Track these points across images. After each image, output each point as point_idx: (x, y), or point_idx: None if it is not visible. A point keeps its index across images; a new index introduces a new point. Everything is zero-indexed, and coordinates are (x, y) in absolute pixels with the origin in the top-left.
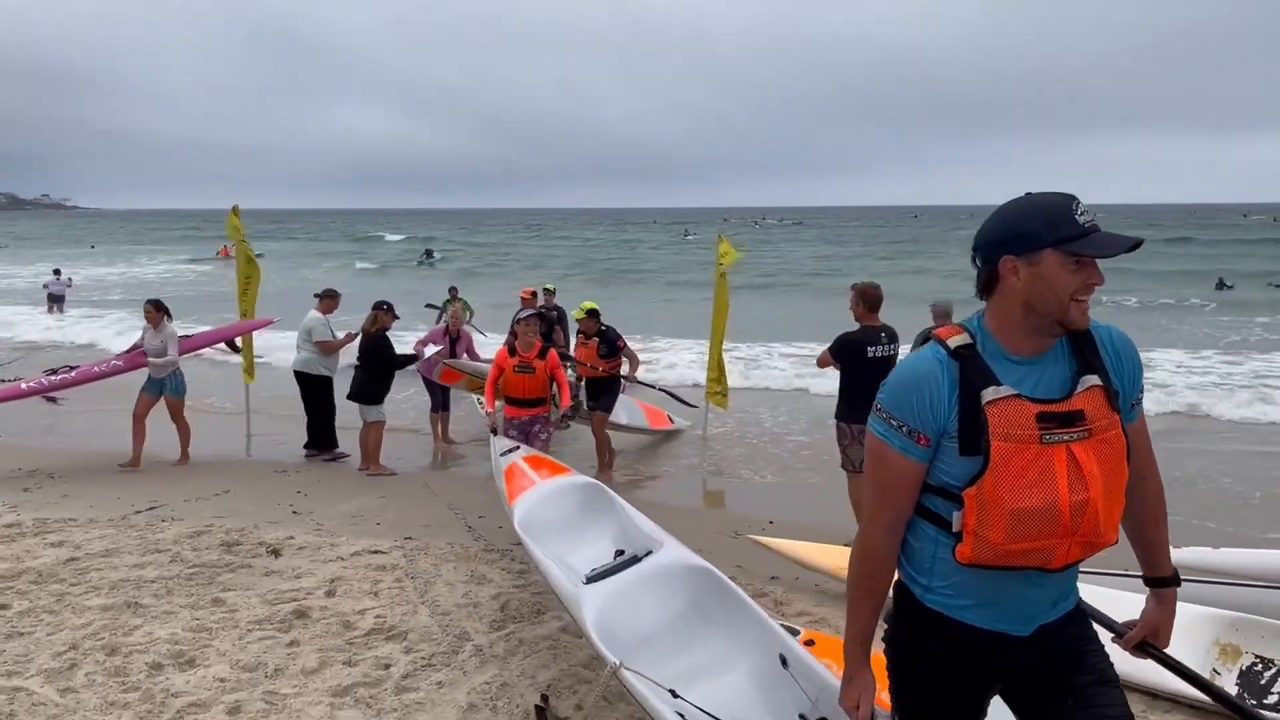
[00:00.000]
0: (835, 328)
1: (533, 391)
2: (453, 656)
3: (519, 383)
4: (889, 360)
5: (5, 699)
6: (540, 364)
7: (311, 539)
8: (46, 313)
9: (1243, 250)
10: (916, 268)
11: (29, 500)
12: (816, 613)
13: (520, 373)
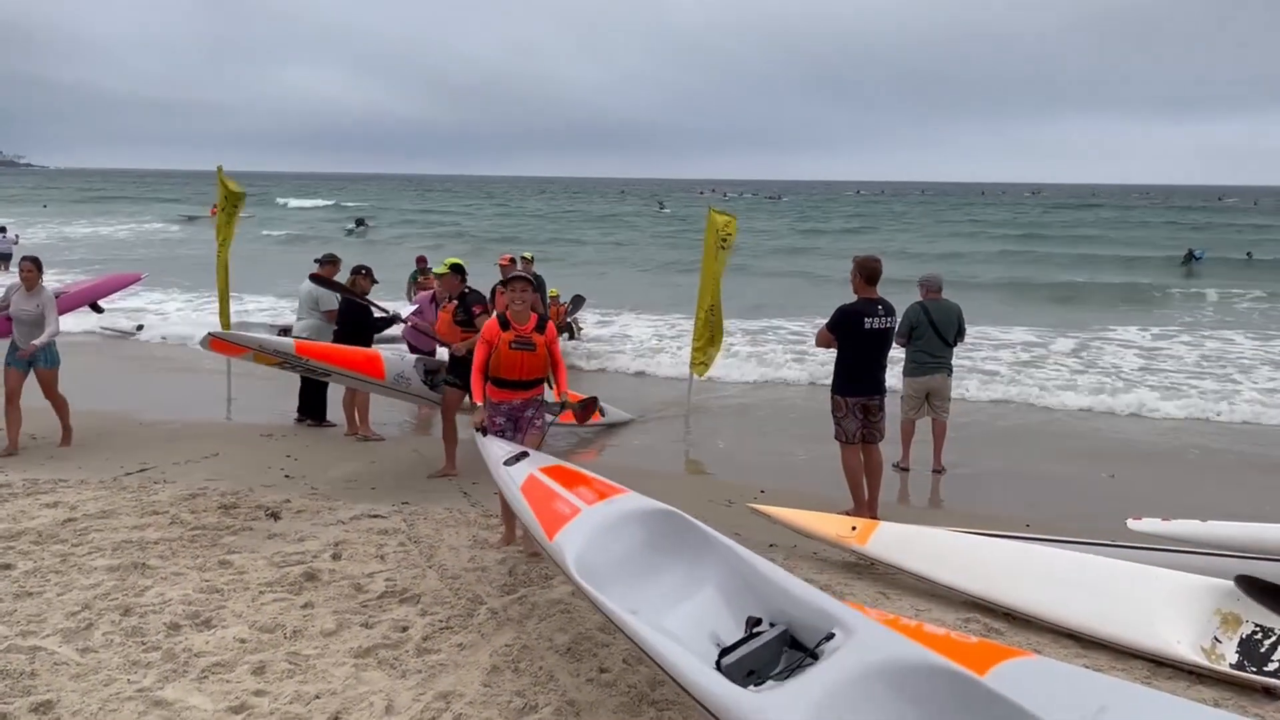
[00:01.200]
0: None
1: (532, 372)
2: (468, 619)
3: (516, 362)
4: (886, 333)
5: (25, 658)
6: (540, 339)
7: (309, 503)
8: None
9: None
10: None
11: (14, 461)
12: (819, 579)
13: (518, 349)
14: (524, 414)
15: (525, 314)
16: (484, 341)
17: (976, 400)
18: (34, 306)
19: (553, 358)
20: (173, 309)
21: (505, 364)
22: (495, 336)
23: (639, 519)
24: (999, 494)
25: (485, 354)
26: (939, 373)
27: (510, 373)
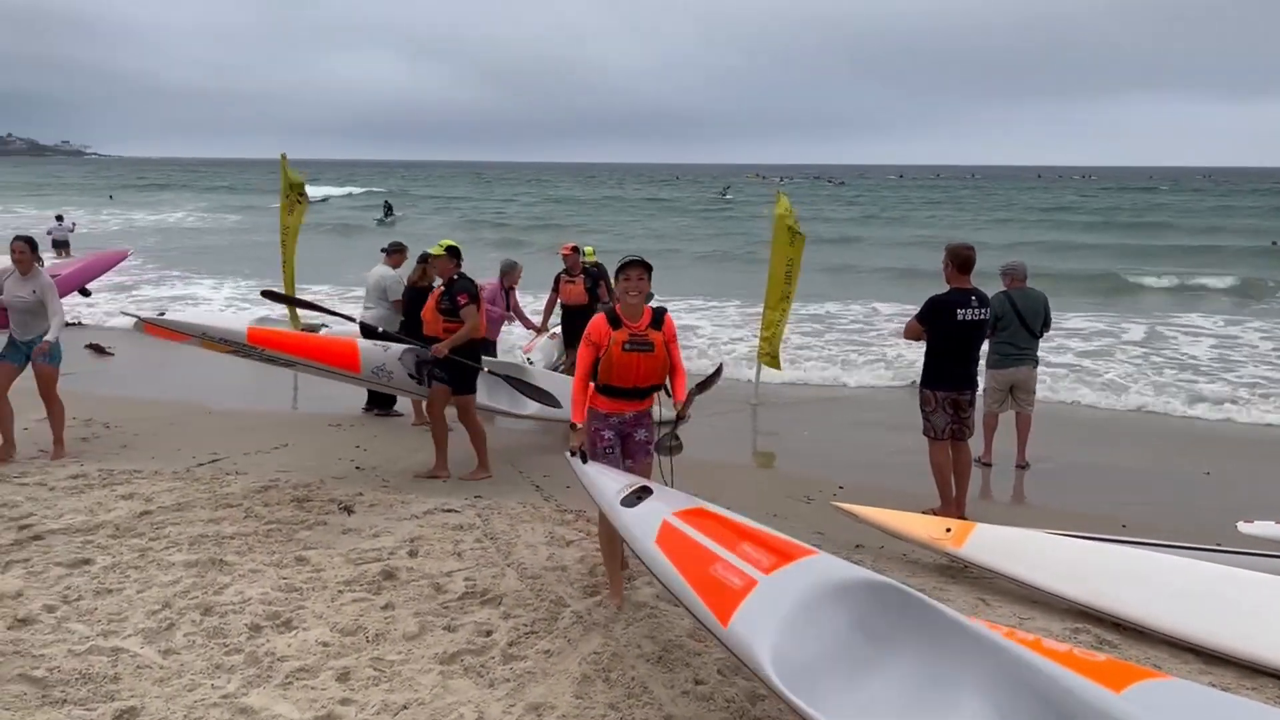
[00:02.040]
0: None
1: (649, 377)
2: (553, 624)
3: (630, 366)
4: (979, 325)
5: (108, 660)
6: (658, 336)
7: (381, 496)
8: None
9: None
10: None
11: (89, 451)
12: (911, 583)
13: (633, 351)
14: (634, 432)
15: (639, 308)
16: (589, 344)
17: (1056, 392)
18: (30, 292)
19: (671, 359)
20: (220, 297)
21: (618, 369)
22: (604, 337)
23: (841, 594)
24: (1087, 491)
25: (591, 359)
26: (1024, 365)
27: (624, 379)
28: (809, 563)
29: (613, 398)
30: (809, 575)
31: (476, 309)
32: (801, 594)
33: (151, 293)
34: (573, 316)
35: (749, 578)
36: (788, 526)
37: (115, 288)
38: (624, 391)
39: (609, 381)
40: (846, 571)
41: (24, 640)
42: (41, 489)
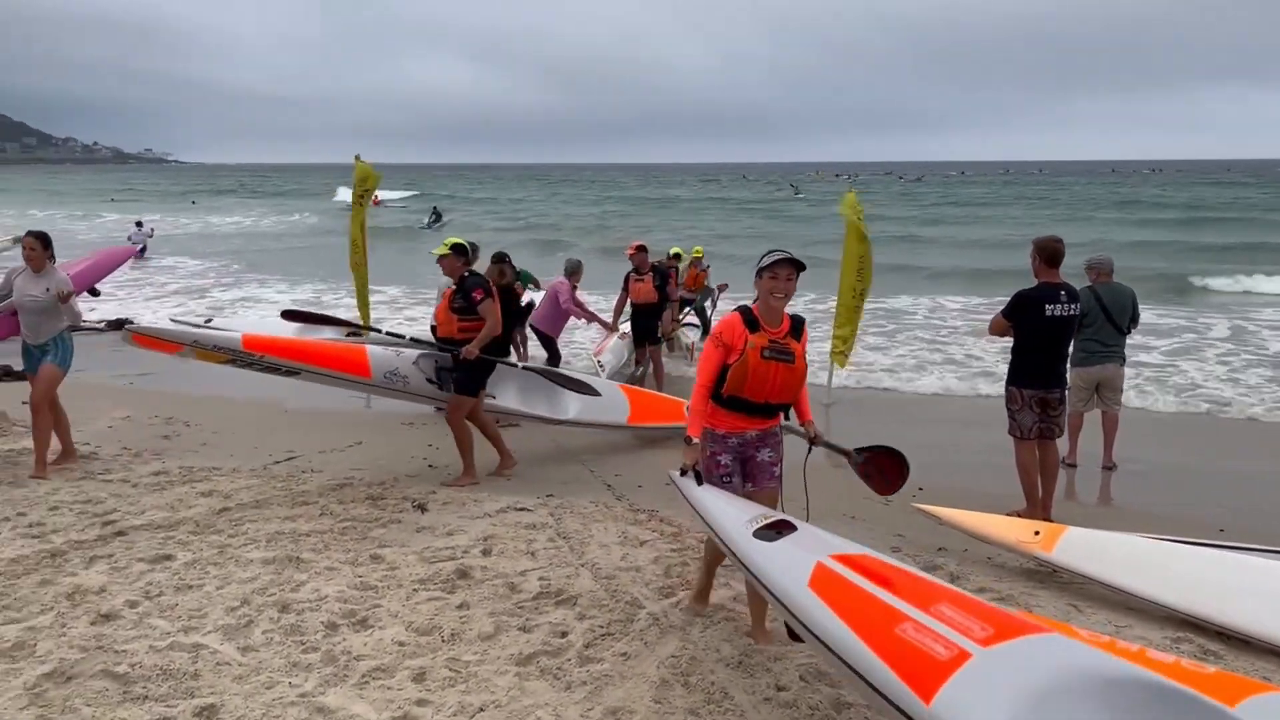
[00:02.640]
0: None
1: (785, 392)
2: (628, 625)
3: (768, 377)
4: (1069, 321)
5: (188, 657)
6: (798, 347)
7: (454, 494)
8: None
9: None
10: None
11: (170, 448)
12: (998, 589)
13: (773, 359)
14: (757, 453)
15: (780, 312)
16: (719, 345)
17: (1144, 391)
18: (43, 291)
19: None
20: (286, 301)
21: (753, 380)
22: (739, 340)
23: (1098, 692)
24: (1178, 493)
25: (719, 364)
26: (1111, 362)
27: (757, 391)
28: (1044, 642)
29: (737, 413)
30: (1047, 658)
31: (495, 303)
32: (1038, 681)
33: (222, 296)
34: (642, 315)
35: (959, 648)
36: (866, 529)
37: (188, 291)
38: (753, 406)
39: (738, 393)
40: (1103, 663)
41: (106, 636)
42: (125, 485)
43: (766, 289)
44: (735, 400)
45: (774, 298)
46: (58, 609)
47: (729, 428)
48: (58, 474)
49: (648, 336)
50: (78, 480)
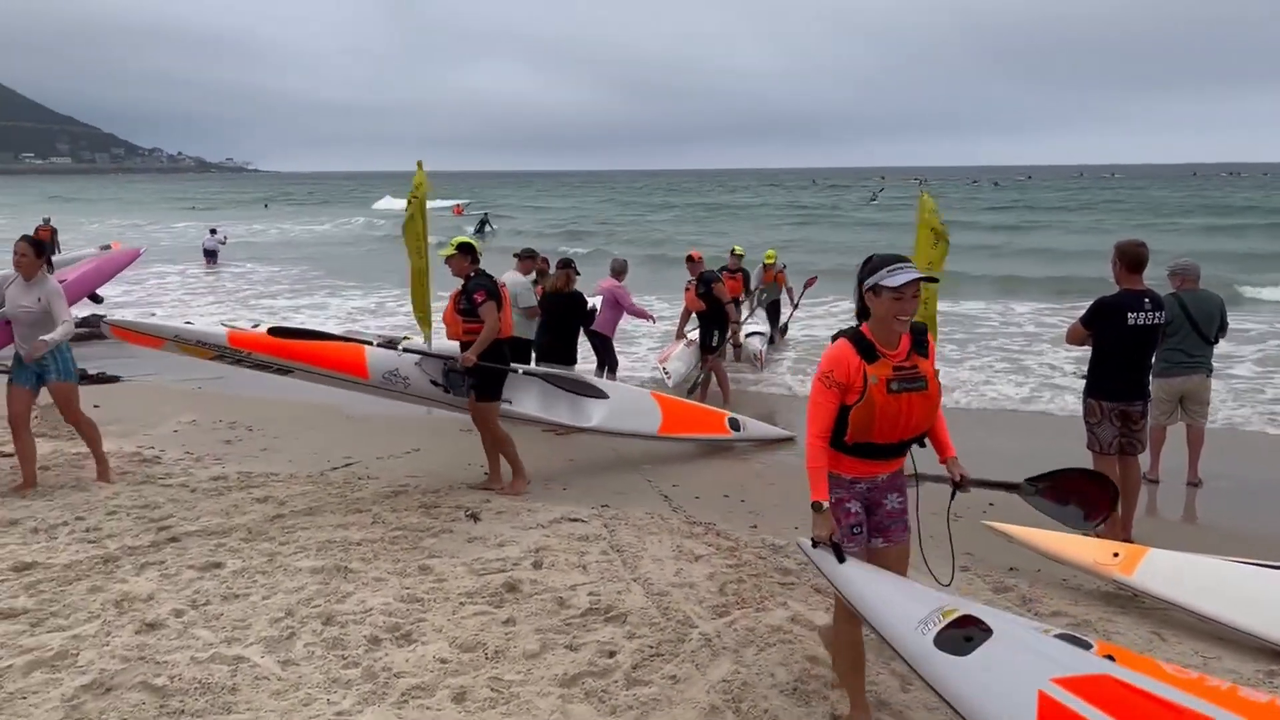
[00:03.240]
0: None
1: (920, 425)
2: (679, 645)
3: (899, 413)
4: (1153, 330)
5: (228, 670)
6: (927, 366)
7: (508, 503)
8: (204, 268)
9: None
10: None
11: (231, 453)
12: (1074, 613)
13: (903, 390)
14: (885, 499)
15: (898, 332)
16: (831, 387)
17: (1230, 403)
18: (35, 301)
19: None
20: (350, 307)
21: (881, 418)
22: (857, 376)
23: None
24: (1269, 513)
25: (835, 409)
26: (1197, 373)
27: (888, 431)
28: None
29: (863, 457)
30: None
31: (496, 306)
32: None
33: (284, 304)
34: (699, 323)
35: None
36: (934, 546)
37: (254, 296)
38: (882, 449)
39: (867, 438)
40: None
41: (149, 646)
42: (184, 490)
43: (889, 311)
44: (863, 446)
45: (898, 320)
46: (104, 617)
47: (857, 473)
48: (120, 479)
49: (704, 345)
50: (138, 484)
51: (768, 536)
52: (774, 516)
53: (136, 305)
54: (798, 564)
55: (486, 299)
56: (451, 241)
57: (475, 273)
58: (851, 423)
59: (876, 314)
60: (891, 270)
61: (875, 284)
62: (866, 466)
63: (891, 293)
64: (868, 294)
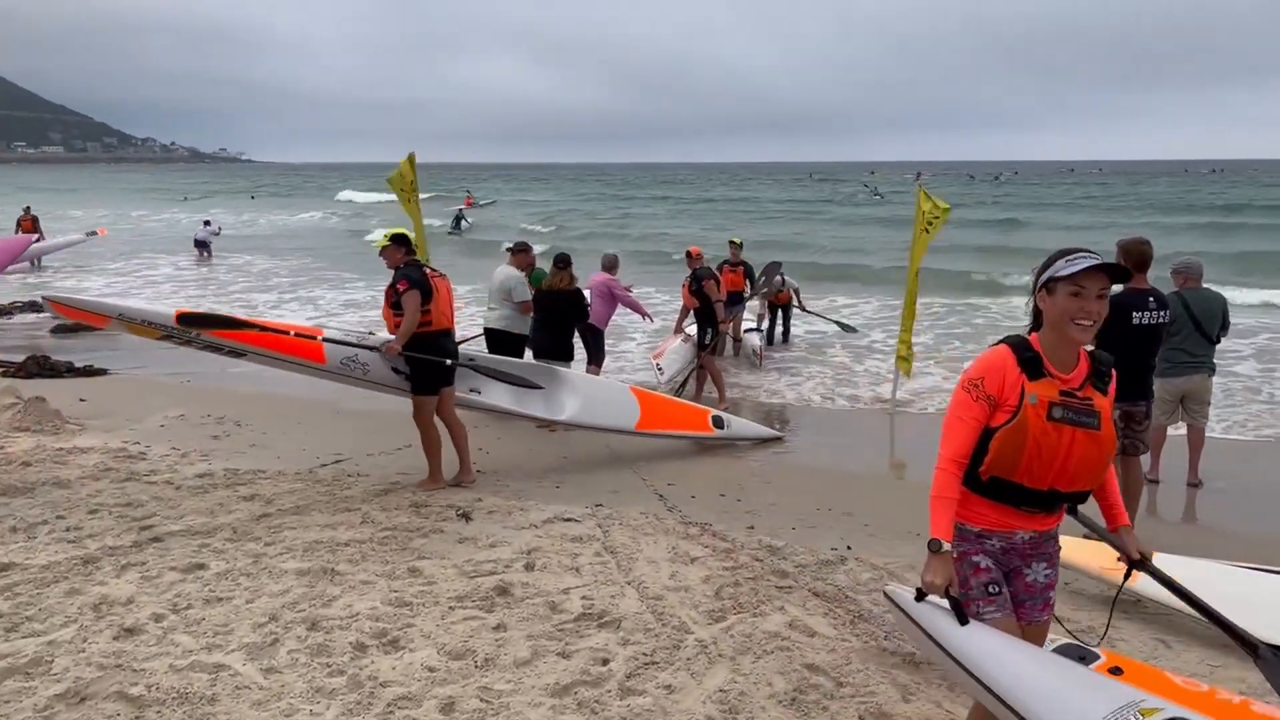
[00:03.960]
0: None
1: (1084, 476)
2: (674, 652)
3: (1060, 451)
4: (1157, 329)
5: (208, 678)
6: (1104, 403)
7: (500, 502)
8: (196, 259)
9: None
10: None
11: (219, 449)
12: (1079, 619)
13: (1068, 424)
14: (1026, 566)
15: (1075, 349)
16: (978, 398)
17: (1233, 402)
18: None
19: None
20: (342, 300)
21: (1033, 450)
22: (1013, 391)
23: None
24: (1269, 515)
25: (976, 427)
26: (1199, 373)
27: (1041, 473)
28: None
29: (1001, 502)
30: None
31: (421, 296)
32: None
33: (271, 298)
34: (696, 319)
35: None
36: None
37: (247, 289)
38: (1030, 495)
39: (1009, 474)
40: None
41: (127, 653)
42: (169, 488)
43: (1064, 312)
44: (1003, 486)
45: (1076, 326)
46: (81, 621)
47: (989, 524)
48: (104, 475)
49: (698, 343)
50: (122, 481)
51: (764, 538)
52: (771, 517)
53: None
54: (795, 567)
55: (409, 288)
56: (386, 232)
57: (406, 263)
58: (994, 450)
59: (1049, 318)
60: (1070, 259)
61: (1050, 278)
62: (1003, 516)
63: (1067, 285)
64: (1040, 295)
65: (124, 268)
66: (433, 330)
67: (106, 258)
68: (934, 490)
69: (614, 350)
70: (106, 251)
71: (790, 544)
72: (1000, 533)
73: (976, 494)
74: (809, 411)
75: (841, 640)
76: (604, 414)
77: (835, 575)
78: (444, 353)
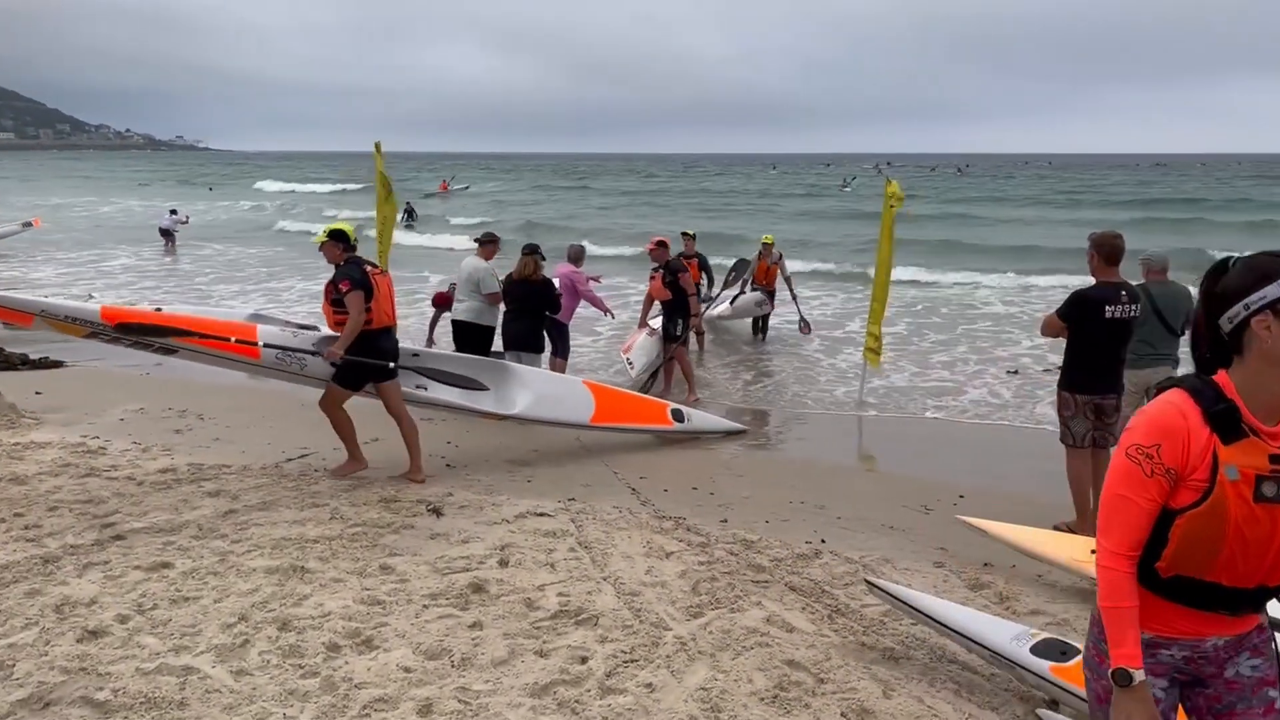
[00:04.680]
0: None
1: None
2: (654, 650)
3: (1266, 537)
4: (1129, 323)
5: (176, 682)
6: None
7: (471, 497)
8: (162, 249)
9: None
10: None
11: (181, 443)
12: (1053, 611)
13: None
14: (1225, 668)
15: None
16: (1152, 472)
17: None
18: None
19: None
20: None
21: (1241, 545)
22: (1199, 456)
23: None
24: None
25: (1152, 510)
26: (1162, 365)
27: (1241, 567)
28: None
29: (1188, 604)
30: None
31: (365, 295)
32: None
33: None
34: (663, 312)
35: None
36: (907, 541)
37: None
38: (1226, 596)
39: (1201, 572)
40: None
41: (91, 656)
42: (130, 484)
43: (1272, 351)
44: (1191, 585)
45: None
46: (43, 623)
47: (1168, 630)
48: (63, 471)
49: (666, 334)
50: (82, 477)
51: (739, 531)
52: (744, 510)
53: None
54: (770, 561)
55: (352, 288)
56: (326, 228)
57: (346, 260)
58: (1177, 541)
59: (1250, 355)
60: (1252, 271)
61: (1268, 302)
62: (1190, 621)
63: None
64: (1256, 321)
65: (79, 258)
66: (374, 329)
67: (66, 247)
68: (1103, 598)
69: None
70: (66, 241)
71: (765, 538)
72: (1186, 640)
73: (1154, 594)
74: (780, 405)
75: (820, 635)
76: (557, 408)
77: (811, 569)
78: (384, 352)
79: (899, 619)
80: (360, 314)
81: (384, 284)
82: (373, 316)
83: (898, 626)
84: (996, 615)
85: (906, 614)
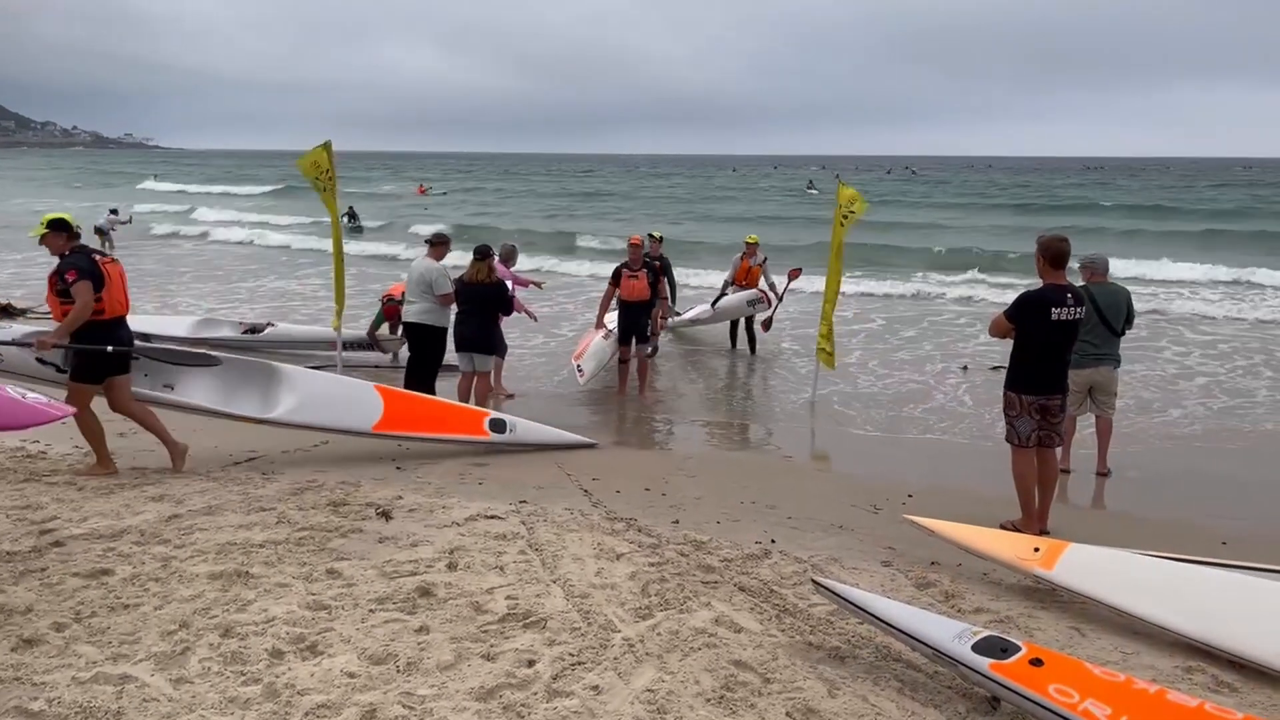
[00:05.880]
0: None
1: None
2: (601, 652)
3: None
4: (1074, 325)
5: (113, 691)
6: None
7: (421, 500)
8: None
9: None
10: None
11: (125, 447)
12: (997, 609)
13: None
14: None
15: None
16: None
17: (1142, 393)
18: None
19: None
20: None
21: None
22: None
23: None
24: (1177, 502)
25: None
26: (1104, 365)
27: None
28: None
29: None
30: None
31: (93, 284)
32: None
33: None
34: (631, 312)
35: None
36: (855, 540)
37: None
38: None
39: None
40: None
41: (26, 665)
42: (70, 489)
43: None
44: None
45: None
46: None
47: None
48: (1, 476)
49: (635, 333)
50: (20, 483)
51: (690, 532)
52: (695, 511)
53: None
54: (720, 562)
55: (79, 278)
56: (44, 218)
57: (71, 250)
58: None
59: None
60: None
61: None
62: None
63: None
64: None
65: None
66: (106, 319)
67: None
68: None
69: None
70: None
71: (715, 538)
72: None
73: None
74: (733, 404)
75: (768, 635)
76: (327, 413)
77: (760, 569)
78: (120, 342)
79: (845, 618)
80: (89, 304)
81: (115, 273)
82: (104, 306)
83: (844, 626)
84: (942, 613)
85: (851, 613)
